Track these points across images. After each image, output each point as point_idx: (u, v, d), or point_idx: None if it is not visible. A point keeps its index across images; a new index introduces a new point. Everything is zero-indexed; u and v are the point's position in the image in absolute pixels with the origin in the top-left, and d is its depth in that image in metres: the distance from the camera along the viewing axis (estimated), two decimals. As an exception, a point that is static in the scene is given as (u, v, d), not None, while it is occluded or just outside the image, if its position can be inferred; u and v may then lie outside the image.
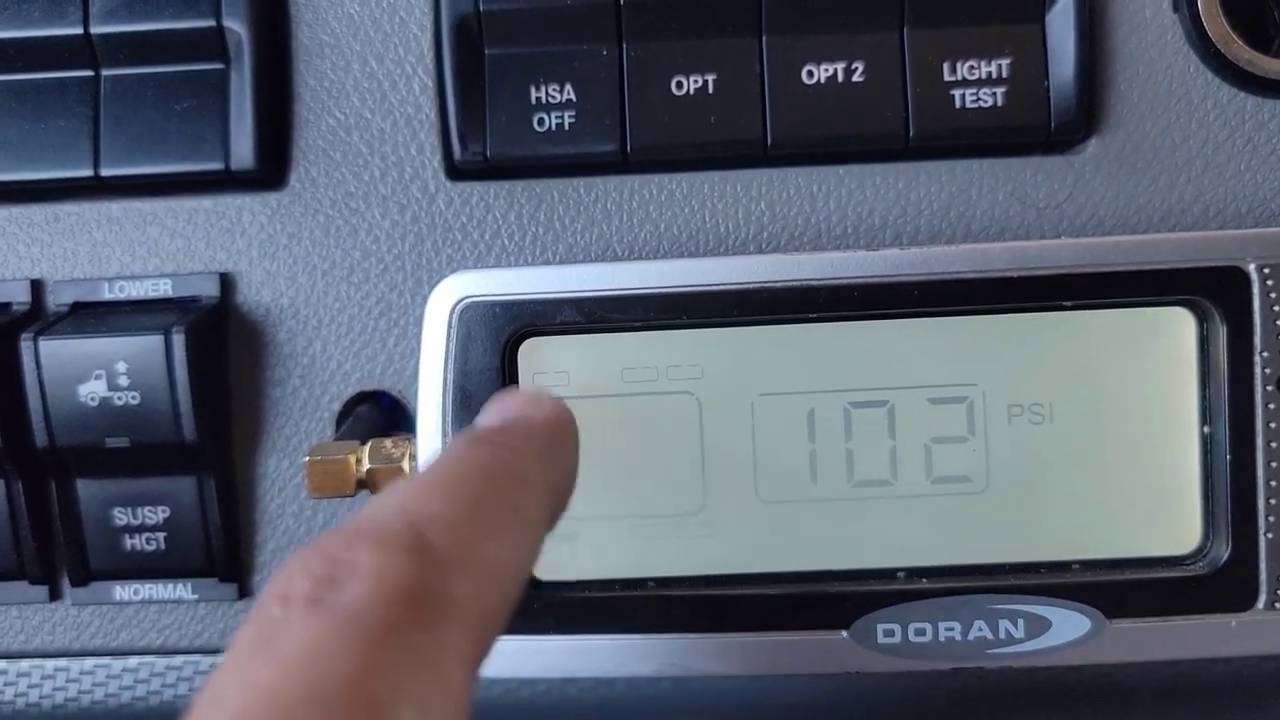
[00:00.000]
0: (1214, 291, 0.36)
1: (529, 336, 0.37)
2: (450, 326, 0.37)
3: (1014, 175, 0.41)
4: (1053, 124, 0.40)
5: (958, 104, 0.40)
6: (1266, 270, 0.36)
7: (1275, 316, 0.36)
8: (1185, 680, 0.40)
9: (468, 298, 0.37)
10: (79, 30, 0.40)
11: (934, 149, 0.40)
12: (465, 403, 0.37)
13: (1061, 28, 0.40)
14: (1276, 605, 0.36)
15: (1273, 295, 0.36)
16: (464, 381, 0.37)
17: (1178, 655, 0.36)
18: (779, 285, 0.36)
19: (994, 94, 0.40)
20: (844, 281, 0.36)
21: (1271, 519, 0.36)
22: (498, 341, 0.37)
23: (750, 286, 0.37)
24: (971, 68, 0.40)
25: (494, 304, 0.37)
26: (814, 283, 0.36)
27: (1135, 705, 0.41)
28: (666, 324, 0.37)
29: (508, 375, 0.37)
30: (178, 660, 0.43)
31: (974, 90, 0.40)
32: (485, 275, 0.37)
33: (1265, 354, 0.36)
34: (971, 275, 0.36)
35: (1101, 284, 0.36)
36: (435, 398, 0.37)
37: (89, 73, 0.41)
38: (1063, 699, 0.41)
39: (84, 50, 0.41)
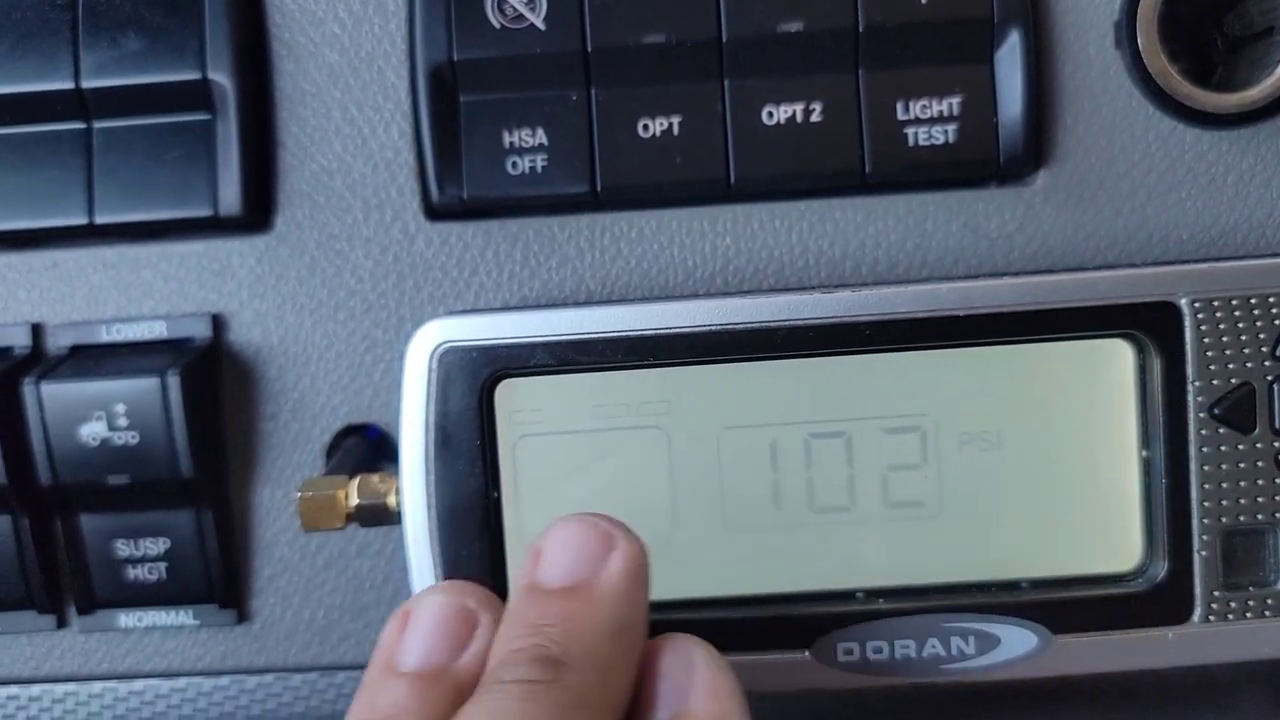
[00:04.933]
0: (1149, 325, 0.38)
1: (505, 378, 0.39)
2: (430, 370, 0.39)
3: (967, 208, 0.42)
4: (1002, 158, 0.41)
5: (911, 141, 0.41)
6: (1197, 305, 0.38)
7: (1206, 348, 0.38)
8: (1128, 687, 0.43)
9: (446, 343, 0.39)
10: (71, 85, 0.42)
11: (890, 184, 0.42)
12: (446, 441, 0.39)
13: (1009, 66, 0.41)
14: (1210, 619, 0.39)
15: (1203, 328, 0.38)
16: (444, 422, 0.39)
17: (1119, 667, 0.38)
18: (740, 327, 0.38)
19: (946, 131, 0.41)
20: (802, 322, 0.38)
21: (1205, 538, 0.38)
22: (475, 383, 0.39)
23: (713, 328, 0.38)
24: (924, 106, 0.41)
25: (471, 348, 0.39)
26: (773, 324, 0.38)
27: (1081, 710, 0.43)
28: (635, 364, 0.39)
29: (485, 415, 0.39)
30: (181, 683, 0.45)
31: (927, 128, 0.41)
32: (463, 321, 0.39)
33: (1197, 383, 0.38)
34: (922, 314, 0.38)
35: (1044, 320, 0.38)
36: (418, 437, 0.39)
37: (81, 125, 0.43)
38: (1013, 704, 0.43)
39: (76, 104, 0.42)
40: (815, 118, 0.41)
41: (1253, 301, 0.38)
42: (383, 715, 0.31)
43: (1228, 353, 0.38)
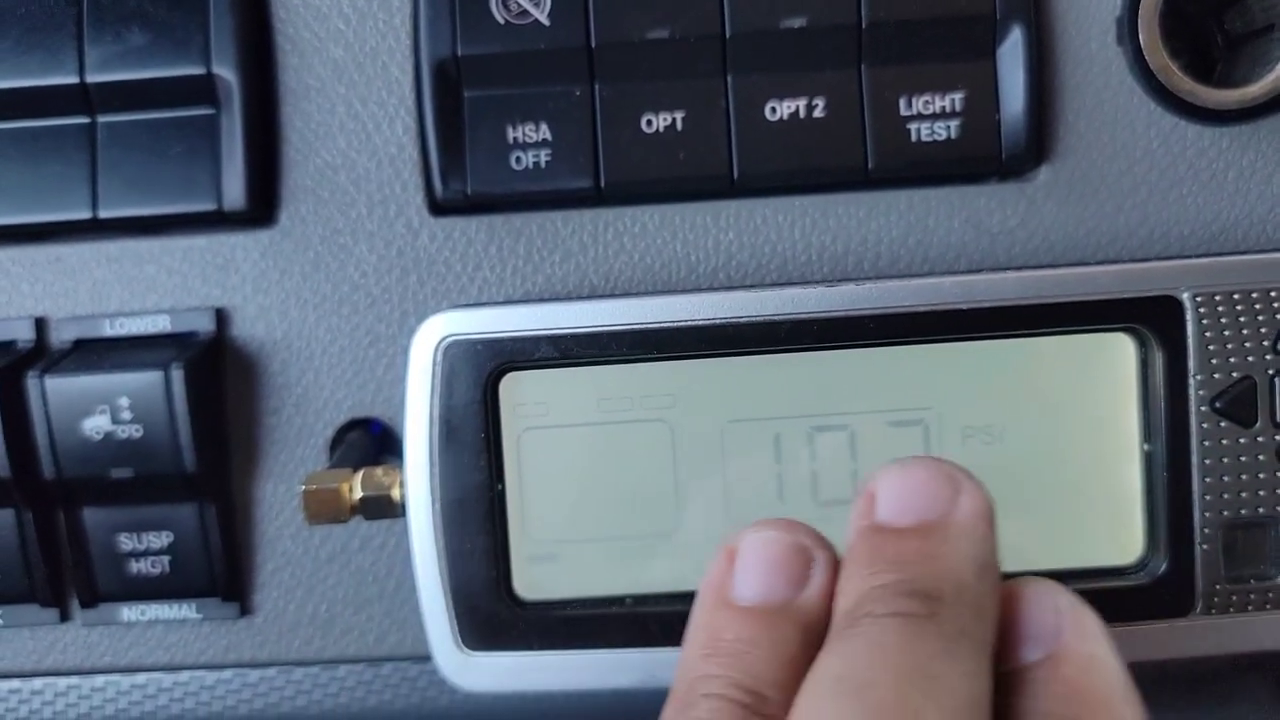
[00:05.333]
0: (1151, 319, 0.38)
1: (509, 371, 0.39)
2: (435, 363, 0.39)
3: (969, 203, 0.42)
4: (1004, 154, 0.41)
5: (914, 137, 0.42)
6: (1199, 299, 0.38)
7: (1208, 342, 0.38)
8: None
9: (451, 336, 0.39)
10: (75, 79, 0.42)
11: (893, 179, 0.42)
12: (450, 435, 0.39)
13: (1011, 62, 0.41)
14: (1212, 611, 0.39)
15: (1205, 322, 0.38)
16: (449, 415, 0.39)
17: (1120, 660, 0.39)
18: (744, 321, 0.39)
19: (948, 127, 0.42)
20: (805, 316, 0.38)
21: (1206, 531, 0.39)
22: (480, 377, 0.39)
23: (717, 322, 0.39)
24: (927, 102, 0.41)
25: (476, 341, 0.39)
26: (777, 318, 0.39)
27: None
28: (639, 358, 0.39)
29: (490, 408, 0.39)
30: (184, 676, 0.46)
31: (929, 123, 0.42)
32: (467, 314, 0.39)
33: (1199, 377, 0.38)
34: (924, 308, 0.38)
35: (1046, 314, 0.38)
36: (422, 431, 0.39)
37: (85, 119, 0.43)
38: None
39: (80, 98, 0.42)
40: (818, 113, 0.41)
41: (1254, 296, 0.38)
42: (731, 650, 0.30)
43: (1229, 347, 0.38)
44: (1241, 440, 0.39)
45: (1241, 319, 0.38)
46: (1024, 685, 0.29)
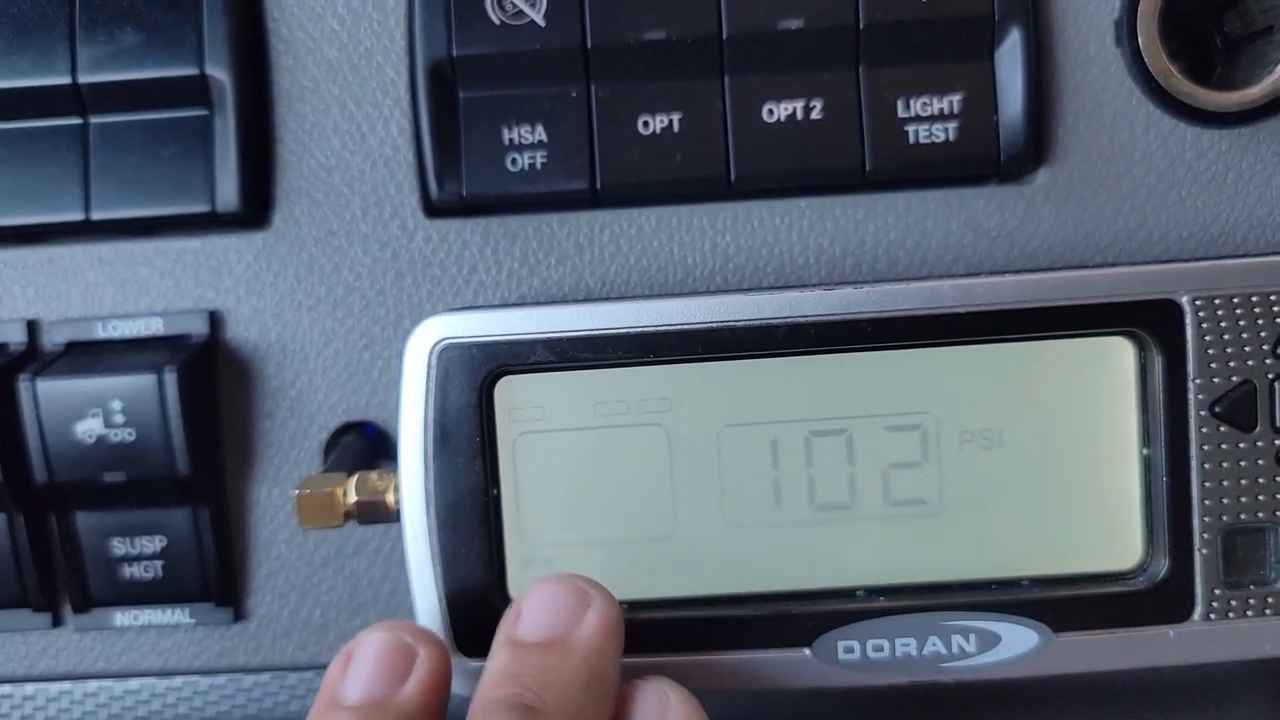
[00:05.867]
0: (1150, 323, 0.38)
1: (504, 375, 0.39)
2: (430, 366, 0.39)
3: (967, 205, 0.42)
4: (1003, 156, 0.41)
5: (912, 139, 0.41)
6: (1198, 303, 0.38)
7: (1207, 346, 0.38)
8: (1129, 684, 0.43)
9: (446, 339, 0.39)
10: (67, 80, 0.42)
11: (891, 181, 0.42)
12: (445, 439, 0.39)
13: (1010, 64, 0.41)
14: (1211, 617, 0.39)
15: (1204, 326, 0.38)
16: (444, 419, 0.39)
17: (1120, 666, 0.38)
18: (741, 324, 0.38)
19: (946, 129, 0.41)
20: (802, 319, 0.38)
21: (1206, 536, 0.38)
22: (475, 380, 0.39)
23: (714, 325, 0.38)
24: (925, 104, 0.41)
25: (471, 345, 0.39)
26: (774, 321, 0.38)
27: (1081, 707, 0.43)
28: (635, 361, 0.39)
29: (485, 412, 0.39)
30: (177, 681, 0.45)
31: (927, 125, 0.41)
32: (462, 317, 0.39)
33: (1198, 381, 0.38)
34: (922, 312, 0.38)
35: (1044, 318, 0.38)
36: (417, 434, 0.39)
37: (78, 120, 0.42)
38: (1014, 702, 0.43)
39: (73, 99, 0.42)
40: (816, 115, 0.41)
41: (1254, 299, 0.38)
42: None
43: (1229, 351, 0.38)
44: (1241, 445, 0.38)
45: (1241, 323, 0.38)
46: None
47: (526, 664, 0.34)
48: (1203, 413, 0.38)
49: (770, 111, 0.41)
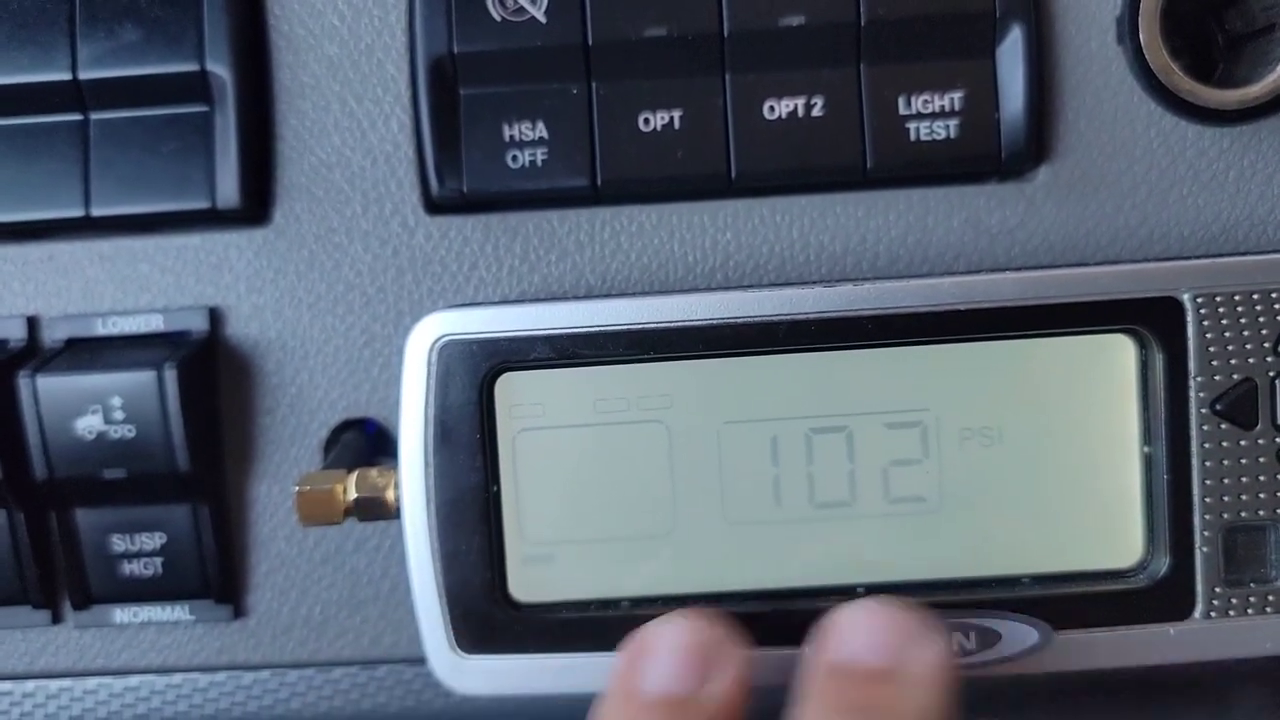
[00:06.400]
0: (1151, 320, 0.38)
1: (505, 371, 0.39)
2: (430, 363, 0.39)
3: (968, 203, 0.42)
4: (1004, 154, 0.41)
5: (913, 136, 0.41)
6: (1200, 300, 0.38)
7: (1208, 344, 0.38)
8: (1130, 682, 0.42)
9: (446, 336, 0.39)
10: (67, 76, 0.42)
11: (891, 179, 0.42)
12: (445, 436, 0.39)
13: (1011, 61, 0.41)
14: (1212, 615, 0.39)
15: (1206, 324, 0.38)
16: (444, 416, 0.39)
17: (1121, 663, 0.38)
18: (741, 321, 0.38)
19: (947, 126, 0.41)
20: (803, 316, 0.38)
21: (1206, 534, 0.38)
22: (475, 377, 0.39)
23: (714, 322, 0.38)
24: (926, 101, 0.41)
25: (471, 341, 0.39)
26: (775, 318, 0.38)
27: (1081, 704, 0.43)
28: (635, 358, 0.39)
29: (485, 408, 0.39)
30: (177, 679, 0.45)
31: (928, 123, 0.41)
32: (463, 314, 0.39)
33: (1199, 379, 0.38)
34: (923, 309, 0.38)
35: (1045, 315, 0.38)
36: (417, 431, 0.39)
37: (78, 116, 0.42)
38: (1014, 699, 0.43)
39: (73, 95, 0.42)
40: (816, 112, 0.41)
41: (1255, 297, 0.38)
42: None
43: (1230, 348, 0.38)
44: (1242, 443, 0.38)
45: (1242, 320, 0.38)
46: None
47: (866, 695, 0.32)
48: (1204, 410, 0.38)
49: (771, 109, 0.41)
